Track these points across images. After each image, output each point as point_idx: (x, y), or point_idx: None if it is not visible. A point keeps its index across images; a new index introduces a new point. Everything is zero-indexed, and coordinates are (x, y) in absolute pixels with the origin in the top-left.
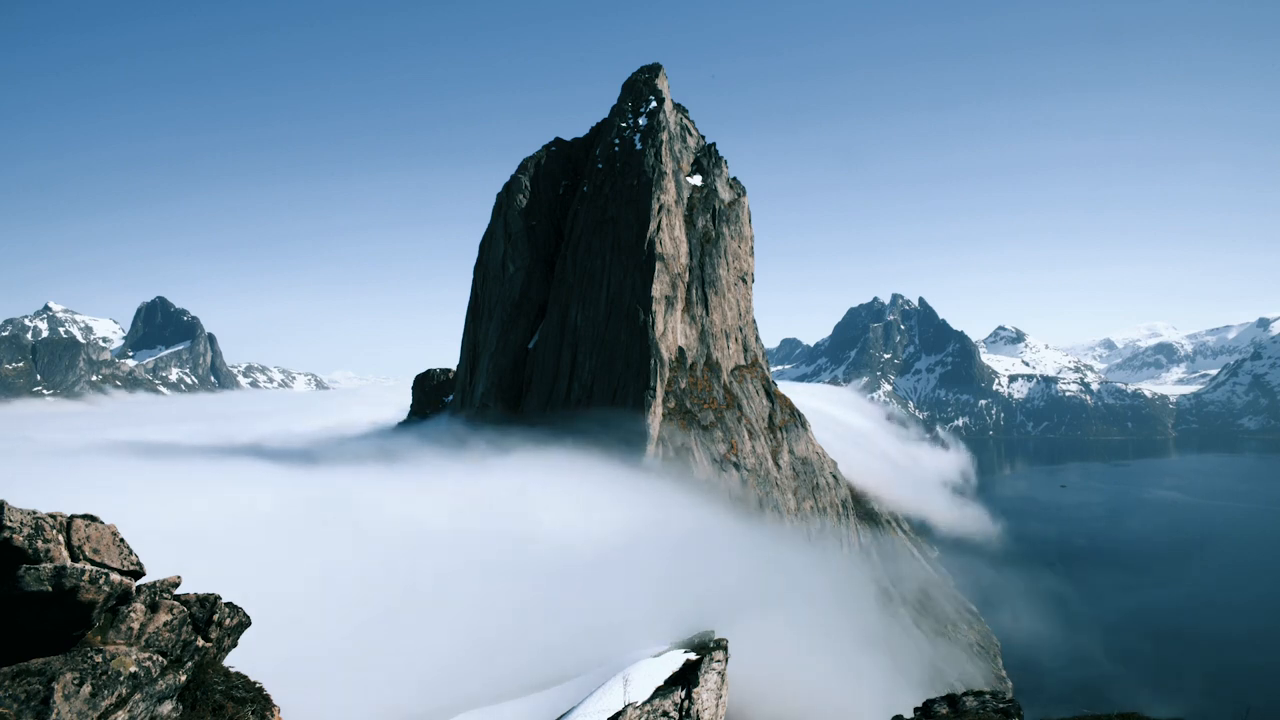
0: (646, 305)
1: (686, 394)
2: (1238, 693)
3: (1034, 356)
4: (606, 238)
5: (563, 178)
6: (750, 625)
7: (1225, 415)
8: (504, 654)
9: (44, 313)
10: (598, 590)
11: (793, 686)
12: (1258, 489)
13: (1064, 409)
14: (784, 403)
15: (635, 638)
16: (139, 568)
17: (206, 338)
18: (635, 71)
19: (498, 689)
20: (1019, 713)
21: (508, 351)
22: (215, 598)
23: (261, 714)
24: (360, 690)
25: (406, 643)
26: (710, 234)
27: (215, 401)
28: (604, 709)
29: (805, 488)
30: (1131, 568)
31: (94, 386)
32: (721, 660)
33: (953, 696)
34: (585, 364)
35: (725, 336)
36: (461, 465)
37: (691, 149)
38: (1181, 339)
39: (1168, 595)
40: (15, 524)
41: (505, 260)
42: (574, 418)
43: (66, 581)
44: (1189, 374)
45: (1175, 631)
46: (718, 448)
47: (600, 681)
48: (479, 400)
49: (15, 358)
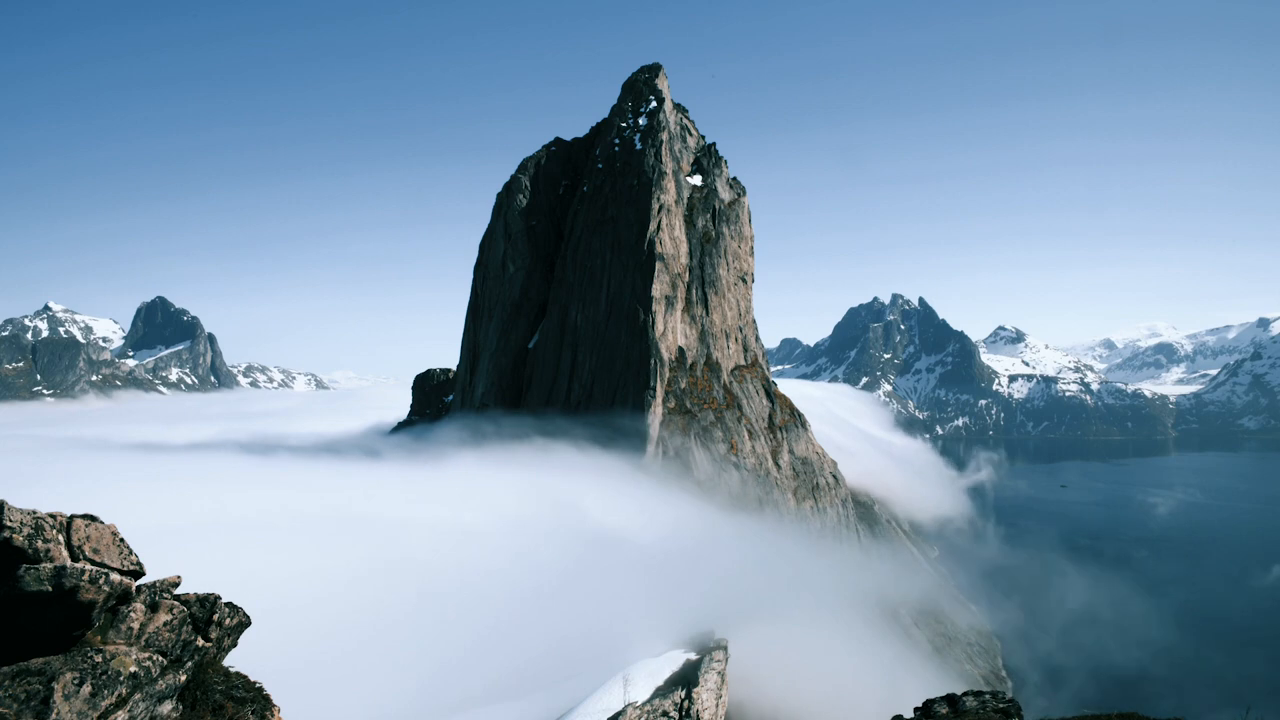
0: (646, 305)
1: (686, 394)
2: (1238, 693)
3: (1034, 356)
4: (606, 238)
5: (563, 178)
6: (749, 625)
7: (1225, 415)
8: (504, 654)
9: (44, 313)
10: (598, 590)
11: (792, 686)
12: (1258, 488)
13: (1064, 409)
14: (784, 403)
15: (635, 638)
16: (139, 568)
17: (206, 338)
18: (635, 71)
19: (498, 688)
20: (1019, 713)
21: (508, 351)
22: (215, 598)
23: (261, 714)
24: (360, 690)
25: (406, 643)
26: (710, 234)
27: (215, 401)
28: (604, 709)
29: (805, 488)
30: (1131, 567)
31: (94, 386)
32: (721, 660)
33: (953, 696)
34: (585, 364)
35: (725, 336)
36: (461, 465)
37: (691, 149)
38: (1181, 339)
39: (1168, 594)
40: (15, 524)
41: (505, 260)
42: (574, 418)
43: (66, 581)
44: (1189, 374)
45: (1175, 631)
46: (718, 448)
47: (600, 681)
48: (479, 400)
49: (15, 358)
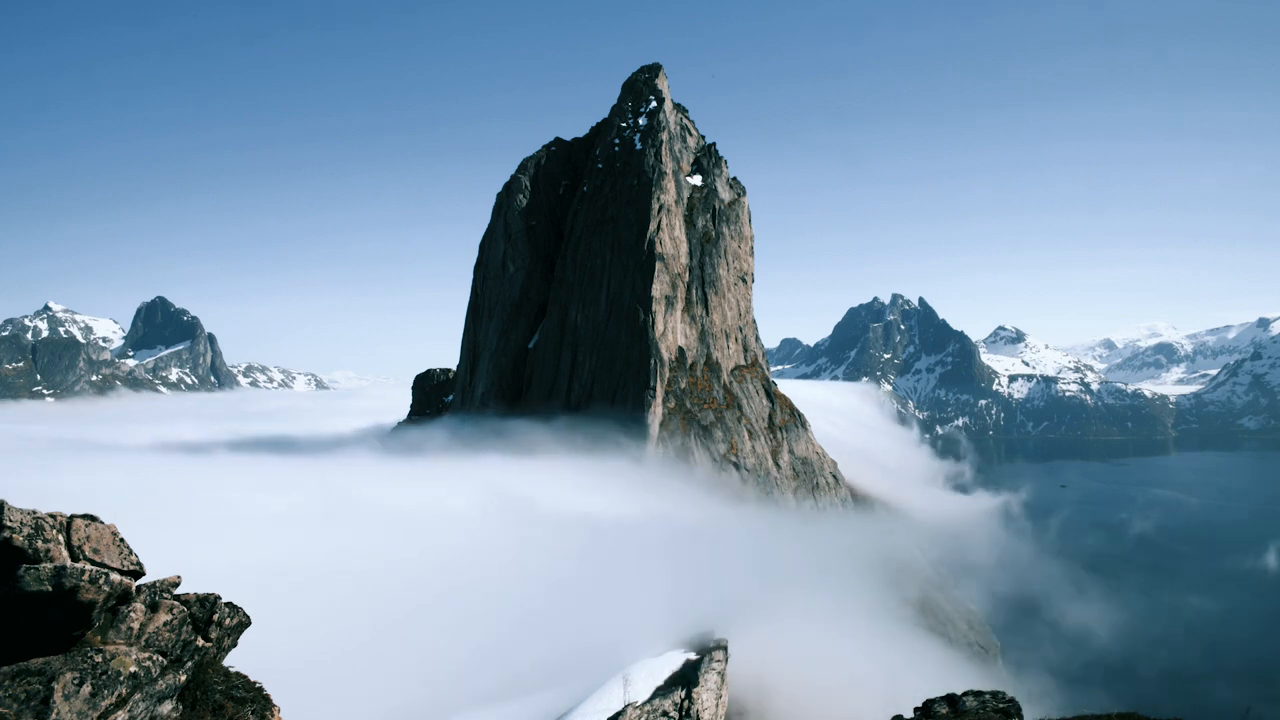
0: (646, 305)
1: (686, 394)
2: (1238, 693)
3: (1034, 356)
4: (606, 237)
5: (563, 178)
6: (749, 625)
7: (1225, 415)
8: (504, 654)
9: (44, 313)
10: (597, 590)
11: (792, 686)
12: (1258, 488)
13: (1064, 409)
14: (784, 403)
15: (635, 638)
16: (139, 567)
17: (206, 337)
18: (635, 71)
19: (498, 689)
20: (1019, 712)
21: (508, 351)
22: (215, 597)
23: (261, 714)
24: (361, 690)
25: (406, 643)
26: (710, 234)
27: (215, 401)
28: (604, 709)
29: (805, 488)
30: (1131, 567)
31: (94, 386)
32: (721, 660)
33: (953, 696)
34: (585, 364)
35: (725, 336)
36: (460, 466)
37: (691, 149)
38: (1181, 339)
39: (1168, 594)
40: (15, 524)
41: (505, 260)
42: (574, 417)
43: (66, 581)
44: (1189, 374)
45: (1175, 631)
46: (718, 447)
47: (600, 681)
48: (479, 400)
49: (15, 358)
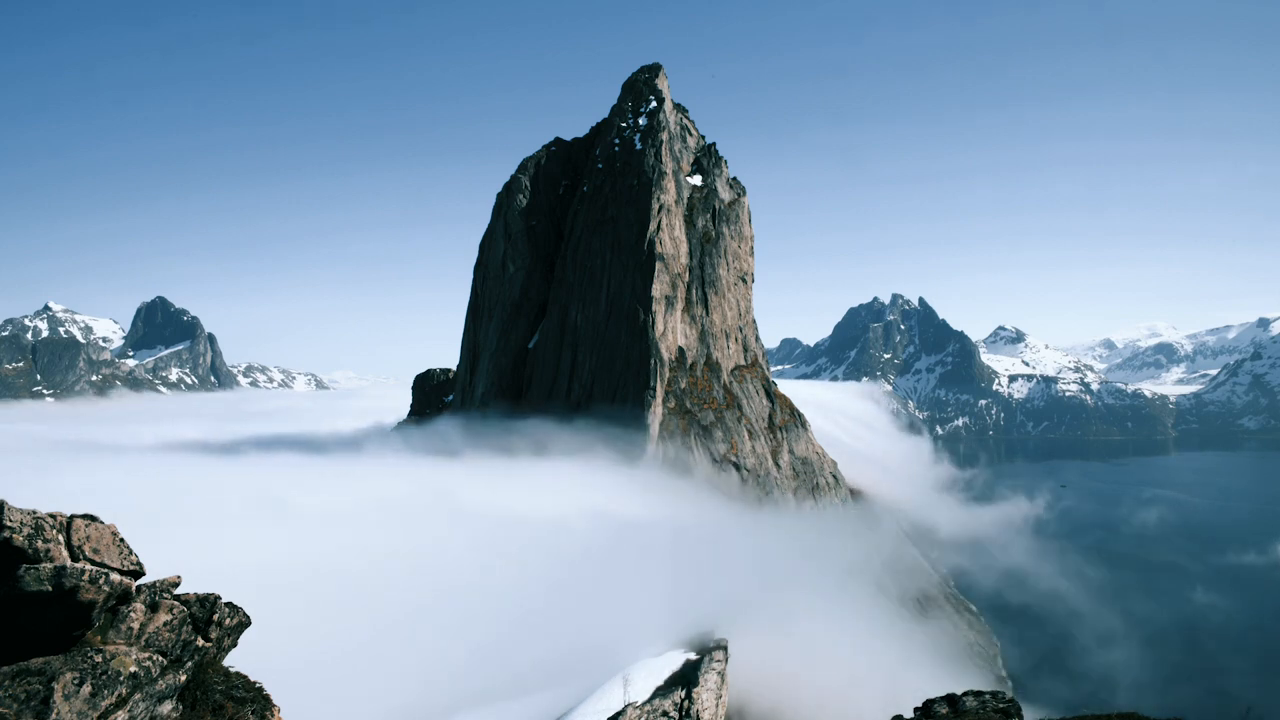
0: (646, 305)
1: (686, 394)
2: (1238, 693)
3: (1034, 356)
4: (606, 237)
5: (563, 178)
6: (749, 625)
7: (1225, 415)
8: (504, 654)
9: (44, 313)
10: (598, 590)
11: (792, 685)
12: (1258, 488)
13: (1064, 409)
14: (784, 403)
15: (635, 638)
16: (139, 567)
17: (206, 337)
18: (635, 71)
19: (498, 688)
20: (1019, 713)
21: (508, 351)
22: (215, 597)
23: (261, 714)
24: (361, 690)
25: (407, 643)
26: (710, 234)
27: (215, 401)
28: (604, 709)
29: (805, 488)
30: (1131, 566)
31: (94, 386)
32: (721, 660)
33: (953, 696)
34: (585, 364)
35: (725, 336)
36: (460, 466)
37: (691, 149)
38: (1181, 339)
39: (1168, 594)
40: (15, 524)
41: (505, 260)
42: (574, 417)
43: (66, 581)
44: (1189, 374)
45: (1175, 630)
46: (718, 447)
47: (600, 681)
48: (479, 400)
49: (15, 358)
